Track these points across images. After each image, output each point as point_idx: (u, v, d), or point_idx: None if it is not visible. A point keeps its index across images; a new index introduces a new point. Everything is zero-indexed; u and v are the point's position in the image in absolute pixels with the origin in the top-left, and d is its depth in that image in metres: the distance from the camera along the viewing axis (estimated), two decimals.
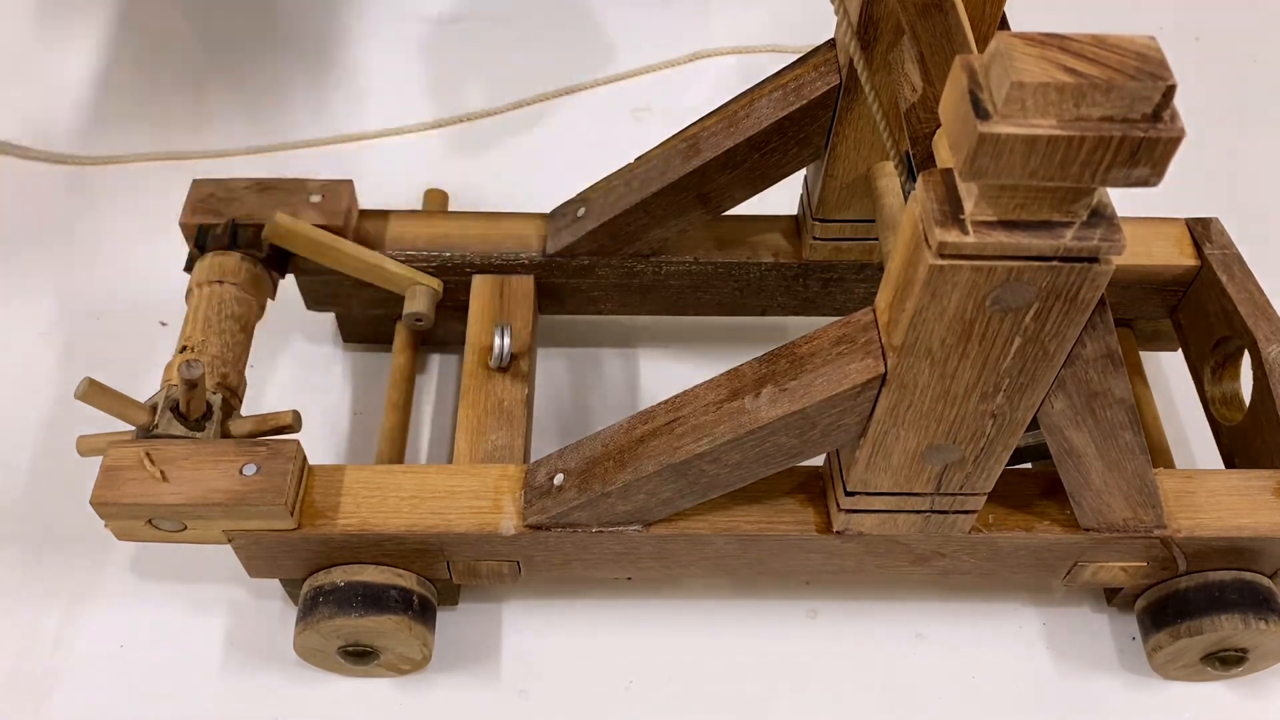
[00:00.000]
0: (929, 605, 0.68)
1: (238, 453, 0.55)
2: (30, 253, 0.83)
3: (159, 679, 0.64)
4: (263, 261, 0.66)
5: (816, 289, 0.72)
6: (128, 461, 0.55)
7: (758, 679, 0.65)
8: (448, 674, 0.65)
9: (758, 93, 0.63)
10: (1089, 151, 0.36)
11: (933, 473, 0.53)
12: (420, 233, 0.70)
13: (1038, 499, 0.59)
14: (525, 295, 0.69)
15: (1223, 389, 0.68)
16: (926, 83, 0.51)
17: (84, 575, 0.67)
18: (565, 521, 0.57)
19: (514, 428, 0.63)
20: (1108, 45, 0.36)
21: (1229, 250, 0.67)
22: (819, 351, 0.49)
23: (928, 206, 0.41)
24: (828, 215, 0.67)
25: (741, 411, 0.51)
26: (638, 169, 0.67)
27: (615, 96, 0.96)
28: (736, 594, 0.68)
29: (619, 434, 0.56)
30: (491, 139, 0.93)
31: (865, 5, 0.54)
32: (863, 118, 0.61)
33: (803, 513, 0.59)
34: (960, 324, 0.44)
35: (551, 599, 0.68)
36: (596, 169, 0.72)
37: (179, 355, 0.60)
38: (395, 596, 0.59)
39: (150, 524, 0.56)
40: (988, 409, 0.48)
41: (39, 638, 0.65)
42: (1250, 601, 0.59)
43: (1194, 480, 0.59)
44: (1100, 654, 0.66)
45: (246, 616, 0.66)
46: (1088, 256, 0.41)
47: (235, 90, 0.95)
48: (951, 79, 0.37)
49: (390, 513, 0.57)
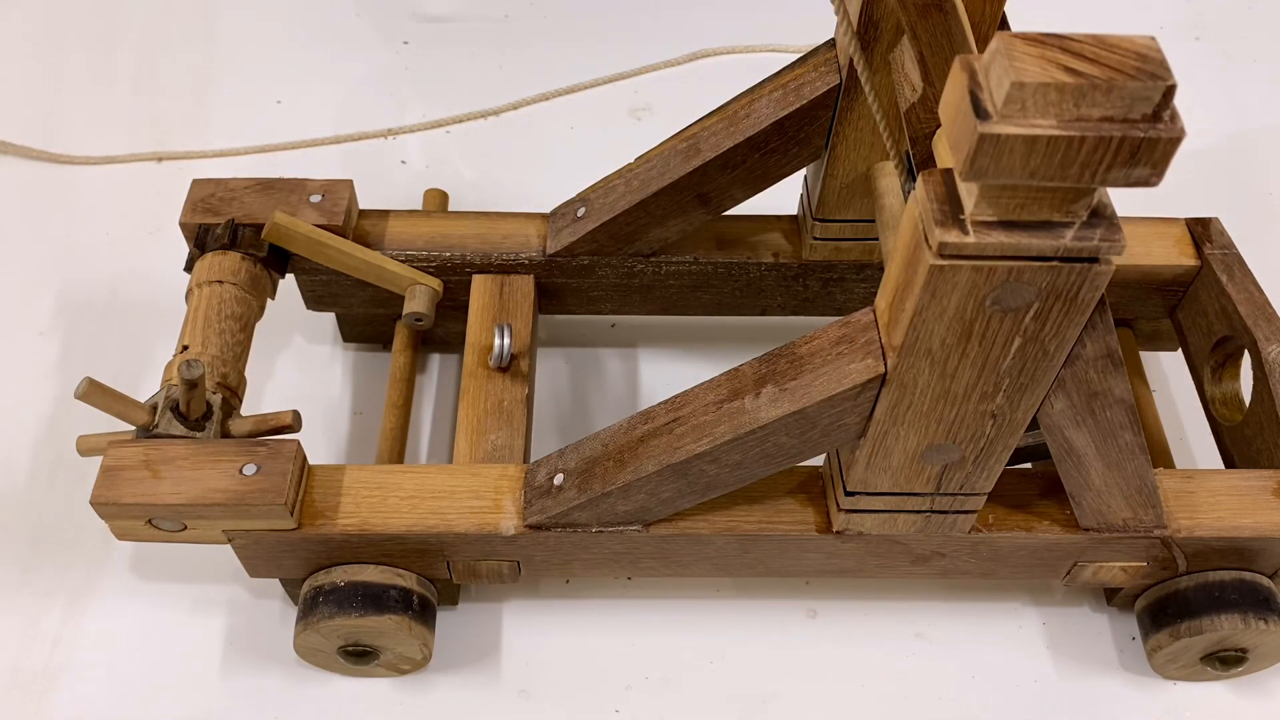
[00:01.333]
0: (929, 605, 0.68)
1: (238, 453, 0.55)
2: (30, 252, 0.83)
3: (159, 679, 0.64)
4: (262, 261, 0.66)
5: (816, 289, 0.72)
6: (128, 461, 0.55)
7: (758, 679, 0.65)
8: (448, 674, 0.65)
9: (758, 93, 0.63)
10: (1089, 152, 0.36)
11: (933, 473, 0.53)
12: (420, 233, 0.70)
13: (1038, 499, 0.59)
14: (525, 295, 0.69)
15: (1223, 389, 0.68)
16: (926, 83, 0.51)
17: (84, 575, 0.67)
18: (565, 521, 0.57)
19: (514, 428, 0.63)
20: (1108, 45, 0.36)
21: (1229, 250, 0.67)
22: (819, 351, 0.49)
23: (928, 206, 0.41)
24: (828, 215, 0.67)
25: (741, 411, 0.51)
26: (638, 169, 0.67)
27: (615, 96, 0.96)
28: (736, 594, 0.68)
29: (619, 434, 0.56)
30: (491, 139, 0.93)
31: (865, 5, 0.54)
32: (863, 118, 0.61)
33: (803, 513, 0.59)
34: (960, 324, 0.44)
35: (551, 599, 0.68)
36: (596, 169, 0.72)
37: (179, 355, 0.60)
38: (395, 596, 0.59)
39: (150, 524, 0.56)
40: (988, 409, 0.48)
41: (39, 637, 0.65)
42: (1250, 601, 0.59)
43: (1194, 480, 0.59)
44: (1100, 654, 0.66)
45: (246, 616, 0.66)
46: (1088, 256, 0.41)
47: (235, 90, 0.95)
48: (951, 79, 0.37)
49: (390, 513, 0.57)
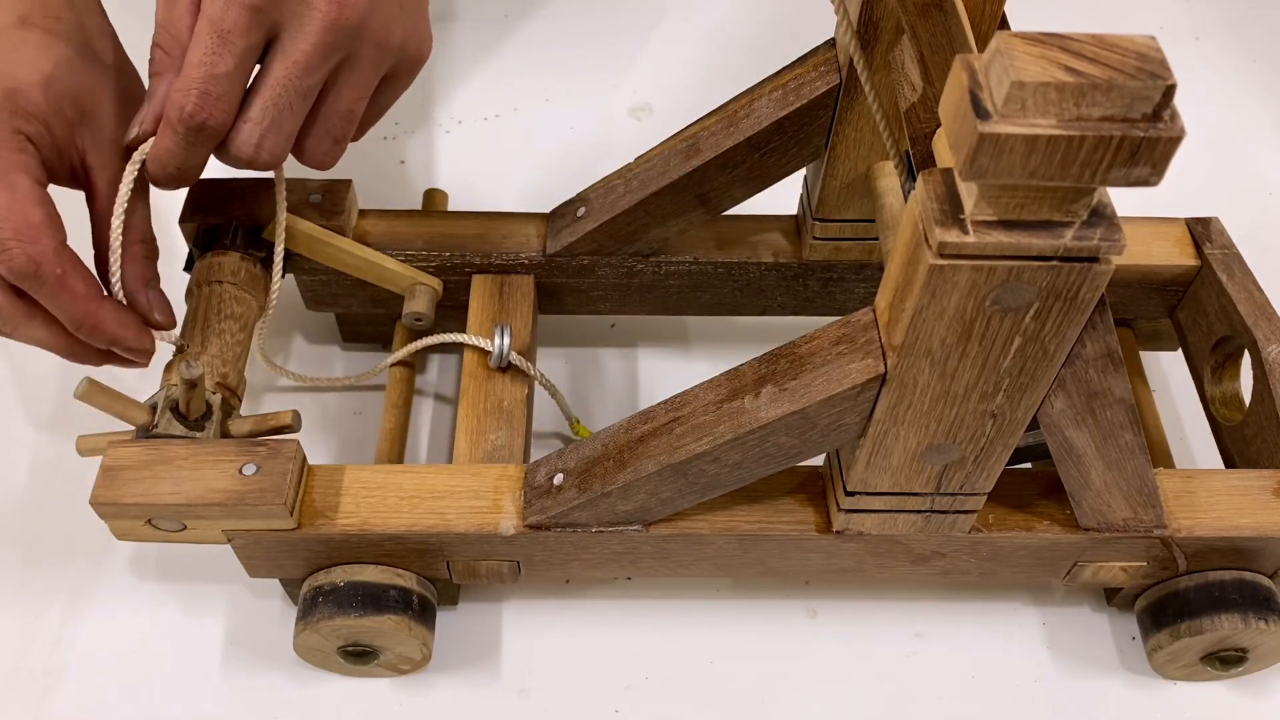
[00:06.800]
0: (929, 605, 0.68)
1: (237, 452, 0.55)
2: None
3: (159, 679, 0.64)
4: (262, 261, 0.66)
5: (816, 289, 0.72)
6: (127, 461, 0.55)
7: (758, 679, 0.65)
8: (448, 674, 0.65)
9: (757, 93, 0.63)
10: (1089, 151, 0.36)
11: (933, 473, 0.53)
12: (420, 233, 0.70)
13: (1038, 499, 0.59)
14: (525, 295, 0.69)
15: (1223, 389, 0.68)
16: (926, 82, 0.51)
17: (84, 575, 0.67)
18: (565, 521, 0.57)
19: (514, 428, 0.63)
20: (1108, 45, 0.36)
21: (1229, 250, 0.67)
22: (819, 351, 0.49)
23: (928, 206, 0.41)
24: (827, 215, 0.67)
25: (741, 411, 0.51)
26: (638, 169, 0.67)
27: (615, 96, 0.96)
28: (736, 594, 0.68)
29: (619, 434, 0.56)
30: (491, 139, 0.93)
31: (865, 5, 0.54)
32: (863, 118, 0.61)
33: (803, 513, 0.59)
34: (960, 324, 0.44)
35: (551, 599, 0.68)
36: (596, 169, 0.72)
37: (179, 355, 0.60)
38: (395, 596, 0.59)
39: (150, 524, 0.56)
40: (988, 409, 0.48)
41: (39, 637, 0.65)
42: (1250, 601, 0.59)
43: (1194, 480, 0.59)
44: (1100, 654, 0.66)
45: (246, 616, 0.66)
46: (1088, 256, 0.41)
47: None
48: (951, 78, 0.37)
49: (390, 513, 0.57)
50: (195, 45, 0.52)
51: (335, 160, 0.59)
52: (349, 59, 0.56)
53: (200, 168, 0.56)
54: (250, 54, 0.53)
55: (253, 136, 0.54)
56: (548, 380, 0.67)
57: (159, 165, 0.55)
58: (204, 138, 0.54)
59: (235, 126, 0.54)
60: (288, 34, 0.53)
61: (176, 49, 0.55)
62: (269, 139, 0.55)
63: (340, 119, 0.58)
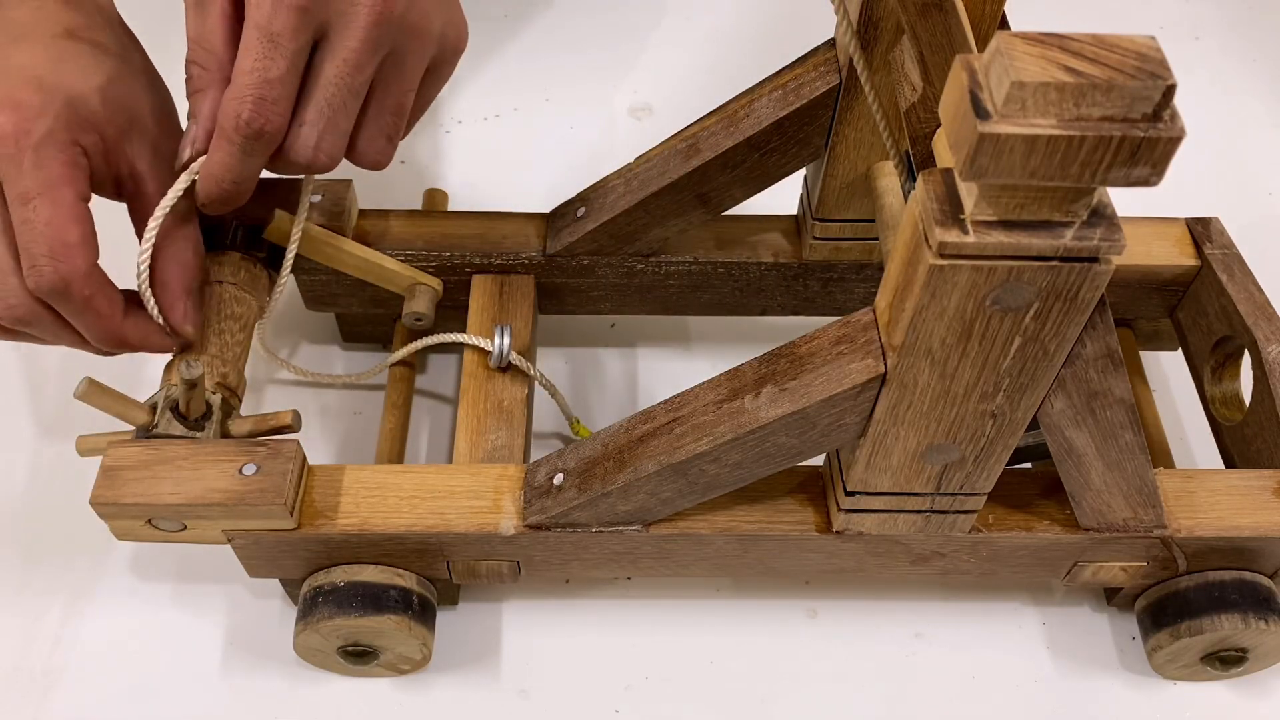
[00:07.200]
0: (929, 605, 0.68)
1: (237, 452, 0.55)
2: None
3: (159, 679, 0.64)
4: (262, 261, 0.66)
5: (816, 289, 0.72)
6: (127, 461, 0.55)
7: (758, 679, 0.65)
8: (448, 674, 0.65)
9: (757, 93, 0.63)
10: (1089, 151, 0.36)
11: (933, 473, 0.53)
12: (420, 233, 0.70)
13: (1038, 499, 0.59)
14: (525, 295, 0.69)
15: (1223, 389, 0.68)
16: (926, 82, 0.51)
17: (84, 575, 0.67)
18: (565, 521, 0.57)
19: (514, 428, 0.63)
20: (1108, 45, 0.36)
21: (1229, 250, 0.67)
22: (819, 351, 0.49)
23: (928, 206, 0.41)
24: (827, 215, 0.67)
25: (741, 411, 0.51)
26: (638, 169, 0.67)
27: (615, 96, 0.96)
28: (736, 594, 0.68)
29: (619, 434, 0.56)
30: (491, 139, 0.93)
31: (865, 5, 0.54)
32: (863, 118, 0.61)
33: (803, 513, 0.59)
34: (960, 324, 0.44)
35: (551, 599, 0.68)
36: (596, 169, 0.72)
37: (178, 355, 0.60)
38: (395, 596, 0.59)
39: (150, 524, 0.56)
40: (988, 409, 0.48)
41: (39, 637, 0.65)
42: (1250, 601, 0.59)
43: (1194, 480, 0.59)
44: (1100, 654, 0.66)
45: (246, 616, 0.66)
46: (1088, 256, 0.41)
47: None
48: (951, 79, 0.37)
49: (390, 513, 0.57)
50: (245, 52, 0.52)
51: (389, 159, 0.59)
52: (394, 53, 0.55)
53: (253, 182, 0.55)
54: (300, 56, 0.52)
55: (310, 139, 0.54)
56: (548, 380, 0.67)
57: (213, 181, 0.54)
58: (261, 145, 0.53)
59: (291, 131, 0.54)
60: (335, 32, 0.53)
61: (214, 63, 0.54)
62: (326, 140, 0.54)
63: (391, 115, 0.57)
